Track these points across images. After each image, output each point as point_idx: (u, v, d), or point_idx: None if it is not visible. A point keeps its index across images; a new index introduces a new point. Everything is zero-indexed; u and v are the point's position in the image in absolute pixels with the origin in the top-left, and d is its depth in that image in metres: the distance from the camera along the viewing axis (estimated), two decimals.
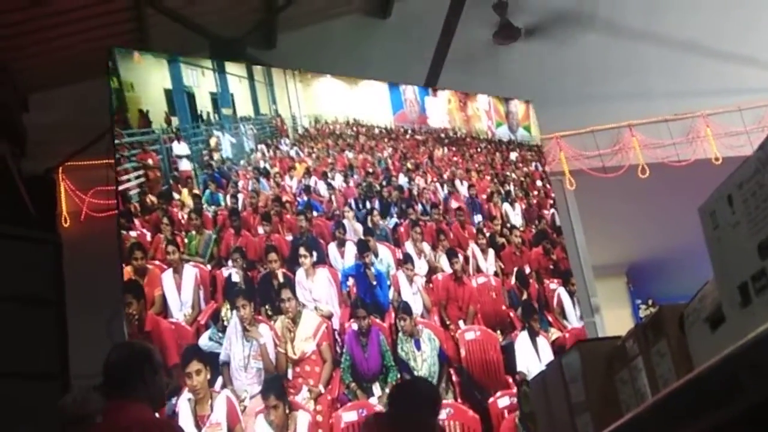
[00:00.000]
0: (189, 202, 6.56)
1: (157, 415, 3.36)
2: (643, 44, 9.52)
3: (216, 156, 6.90)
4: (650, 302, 12.09)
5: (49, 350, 6.31)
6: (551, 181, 8.43)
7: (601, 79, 9.31)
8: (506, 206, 7.95)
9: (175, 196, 6.53)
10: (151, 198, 6.37)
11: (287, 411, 5.94)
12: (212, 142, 6.93)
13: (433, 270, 7.17)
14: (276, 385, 6.03)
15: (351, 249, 6.95)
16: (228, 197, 6.78)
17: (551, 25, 9.50)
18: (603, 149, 8.97)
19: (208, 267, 6.35)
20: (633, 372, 1.60)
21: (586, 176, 8.85)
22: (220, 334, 6.06)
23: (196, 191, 6.65)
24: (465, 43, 8.55)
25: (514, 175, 8.22)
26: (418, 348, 6.68)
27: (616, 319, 9.61)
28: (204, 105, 7.05)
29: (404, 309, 6.80)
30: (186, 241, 6.39)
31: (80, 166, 7.80)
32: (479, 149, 8.27)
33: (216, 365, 5.92)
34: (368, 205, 7.30)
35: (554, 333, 7.36)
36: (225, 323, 6.14)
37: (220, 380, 5.86)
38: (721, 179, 1.16)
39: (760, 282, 1.06)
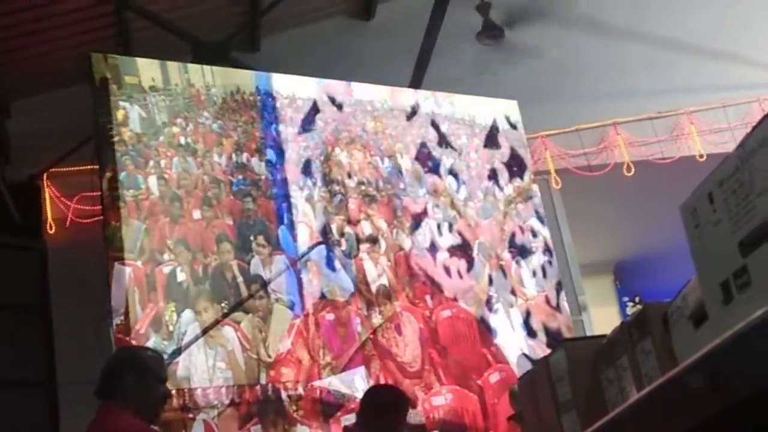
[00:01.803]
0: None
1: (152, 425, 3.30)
2: (627, 42, 9.55)
3: (126, 132, 6.21)
4: (637, 300, 12.12)
5: (36, 358, 6.28)
6: (537, 179, 8.44)
7: (586, 78, 9.33)
8: (450, 179, 7.82)
9: None
10: None
11: (286, 427, 5.57)
12: (119, 115, 6.20)
13: (391, 247, 7.02)
14: (276, 403, 5.63)
15: (305, 231, 6.59)
16: (152, 179, 6.10)
17: (535, 24, 9.51)
18: (588, 148, 8.99)
19: (140, 264, 5.77)
20: (618, 370, 1.61)
21: (571, 175, 8.87)
22: (165, 343, 5.40)
23: (108, 174, 5.98)
24: (449, 44, 8.56)
25: (449, 149, 8.06)
26: (399, 333, 6.56)
27: (604, 317, 9.62)
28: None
29: (384, 293, 6.67)
30: (108, 234, 5.78)
31: (65, 172, 7.77)
32: (411, 122, 7.98)
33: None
34: (309, 182, 6.88)
35: (518, 301, 7.41)
36: (171, 328, 5.53)
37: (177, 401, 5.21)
38: (706, 176, 1.17)
39: (742, 279, 1.06)
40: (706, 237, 1.15)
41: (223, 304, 5.89)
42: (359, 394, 5.95)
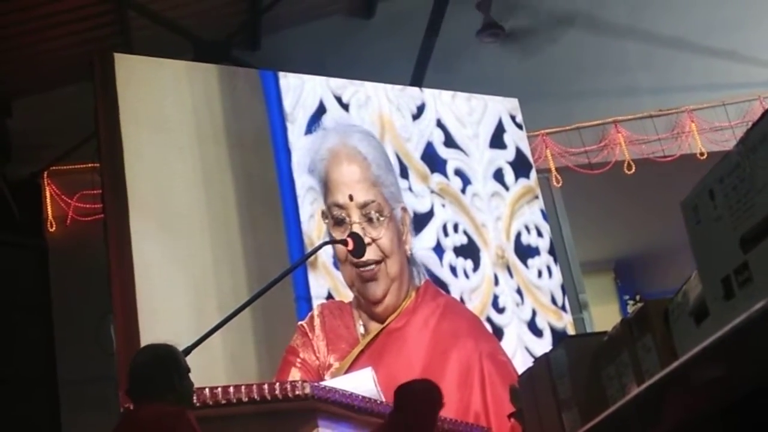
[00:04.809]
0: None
1: None
2: (627, 40, 9.54)
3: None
4: (638, 298, 12.10)
5: (36, 356, 6.29)
6: (538, 177, 8.42)
7: (586, 76, 9.32)
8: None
9: None
10: None
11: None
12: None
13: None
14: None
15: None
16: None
17: (535, 22, 9.51)
18: (589, 146, 8.98)
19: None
20: (619, 367, 1.61)
21: (572, 173, 8.86)
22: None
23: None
24: (449, 42, 8.56)
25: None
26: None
27: (604, 315, 9.63)
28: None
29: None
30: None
31: (65, 170, 7.76)
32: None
33: None
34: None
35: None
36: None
37: None
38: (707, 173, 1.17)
39: (743, 275, 1.06)
40: (707, 233, 1.15)
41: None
42: (367, 394, 5.93)
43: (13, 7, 7.13)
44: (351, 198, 6.87)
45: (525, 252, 7.71)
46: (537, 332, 7.37)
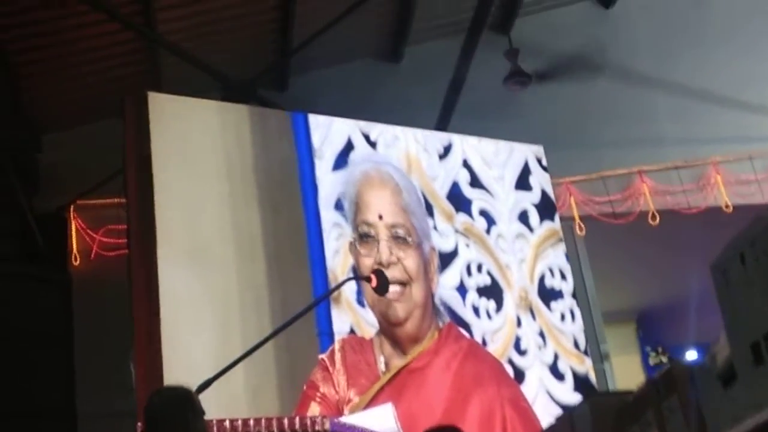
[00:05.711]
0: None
1: None
2: (654, 90, 9.56)
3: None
4: (660, 350, 12.00)
5: (57, 389, 6.30)
6: (561, 225, 8.39)
7: (612, 125, 9.33)
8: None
9: None
10: None
11: None
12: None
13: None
14: None
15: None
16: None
17: (562, 70, 9.54)
18: (613, 195, 8.96)
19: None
20: (644, 426, 1.59)
21: (596, 222, 8.83)
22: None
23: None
24: (476, 88, 8.59)
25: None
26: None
27: (626, 366, 9.56)
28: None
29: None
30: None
31: (92, 204, 7.83)
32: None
33: None
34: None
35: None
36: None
37: None
38: (732, 227, 1.16)
39: None
40: (737, 297, 1.15)
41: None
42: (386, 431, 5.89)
43: (44, 43, 7.25)
44: (381, 217, 6.90)
45: (548, 295, 7.67)
46: (559, 376, 7.32)
